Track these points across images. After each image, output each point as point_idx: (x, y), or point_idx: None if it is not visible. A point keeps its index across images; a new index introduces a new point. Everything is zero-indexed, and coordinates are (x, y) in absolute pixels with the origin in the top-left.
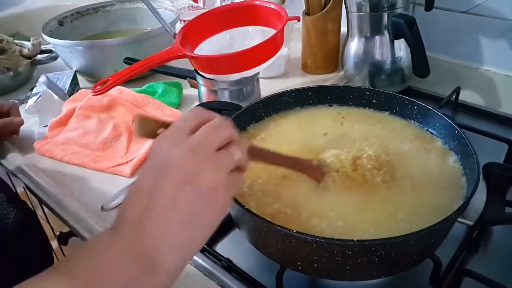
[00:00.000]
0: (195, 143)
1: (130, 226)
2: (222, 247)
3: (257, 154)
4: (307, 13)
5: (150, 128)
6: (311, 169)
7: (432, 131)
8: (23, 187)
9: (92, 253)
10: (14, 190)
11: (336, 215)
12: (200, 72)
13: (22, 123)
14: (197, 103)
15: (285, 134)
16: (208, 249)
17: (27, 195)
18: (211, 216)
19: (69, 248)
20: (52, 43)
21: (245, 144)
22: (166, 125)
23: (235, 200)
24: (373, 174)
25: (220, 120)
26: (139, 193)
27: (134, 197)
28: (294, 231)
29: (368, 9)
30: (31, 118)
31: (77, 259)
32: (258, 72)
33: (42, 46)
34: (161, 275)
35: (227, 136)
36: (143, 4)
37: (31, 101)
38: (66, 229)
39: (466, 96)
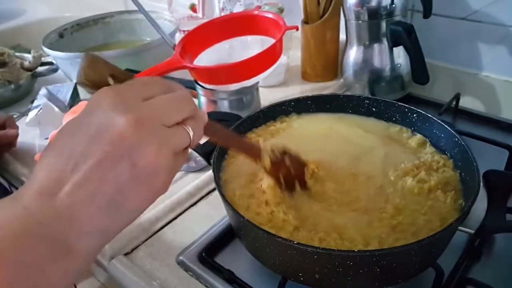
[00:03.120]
0: (146, 113)
1: (43, 198)
2: (223, 259)
3: (212, 131)
4: (305, 21)
5: (100, 73)
6: (251, 151)
7: (432, 139)
8: None
9: None
10: None
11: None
12: (200, 82)
13: (17, 134)
14: None
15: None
16: (209, 261)
17: None
18: (142, 202)
19: None
20: (52, 55)
21: (203, 118)
22: (119, 77)
23: (235, 211)
24: None
25: (184, 93)
26: (60, 157)
27: (53, 162)
28: (295, 242)
29: (366, 17)
30: (32, 130)
31: None
32: (258, 81)
33: (42, 59)
34: (74, 259)
35: (188, 113)
36: (142, 15)
37: (32, 114)
38: None
39: (466, 102)
